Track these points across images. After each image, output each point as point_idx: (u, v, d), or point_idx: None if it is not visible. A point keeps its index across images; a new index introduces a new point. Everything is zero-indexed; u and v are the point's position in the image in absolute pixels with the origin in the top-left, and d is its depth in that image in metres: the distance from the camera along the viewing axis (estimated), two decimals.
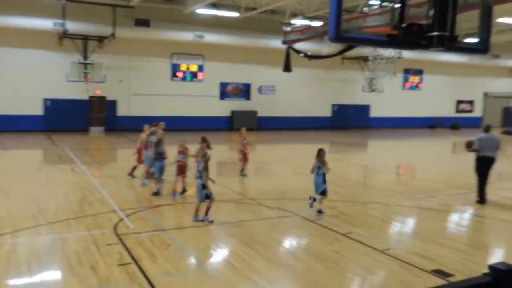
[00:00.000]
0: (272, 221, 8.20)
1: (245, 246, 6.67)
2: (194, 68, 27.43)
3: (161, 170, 9.81)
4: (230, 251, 6.64)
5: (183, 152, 9.72)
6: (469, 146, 9.92)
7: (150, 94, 26.20)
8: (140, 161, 11.54)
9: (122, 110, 25.93)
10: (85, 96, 24.76)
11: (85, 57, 23.76)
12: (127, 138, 22.18)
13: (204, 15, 23.81)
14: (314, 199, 8.52)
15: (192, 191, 9.88)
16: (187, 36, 24.77)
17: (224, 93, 28.50)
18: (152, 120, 19.30)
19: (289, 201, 9.65)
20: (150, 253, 6.18)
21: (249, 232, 7.45)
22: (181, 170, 9.71)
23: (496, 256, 6.79)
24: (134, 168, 11.71)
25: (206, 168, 7.73)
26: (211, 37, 25.18)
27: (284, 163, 15.82)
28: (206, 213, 7.77)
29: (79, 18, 22.40)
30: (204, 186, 7.69)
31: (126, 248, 6.31)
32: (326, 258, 6.24)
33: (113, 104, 25.67)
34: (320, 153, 8.47)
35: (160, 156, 9.92)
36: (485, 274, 1.78)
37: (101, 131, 25.37)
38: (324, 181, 8.40)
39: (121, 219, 7.82)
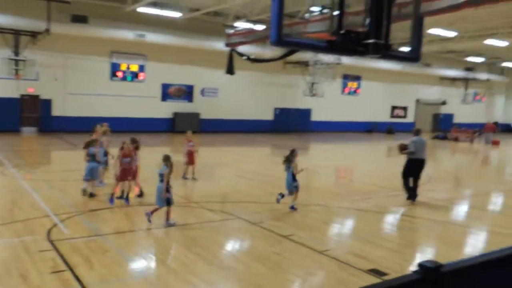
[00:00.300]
0: (214, 224, 8.16)
1: (186, 249, 6.58)
2: (135, 68, 26.72)
3: (91, 172, 9.48)
4: (171, 255, 6.52)
5: (128, 155, 9.35)
6: (402, 149, 10.47)
7: (88, 93, 25.19)
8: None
9: (58, 110, 24.71)
10: (15, 94, 23.33)
11: (17, 53, 22.39)
12: (63, 139, 21.19)
13: (146, 14, 23.25)
14: (282, 195, 9.24)
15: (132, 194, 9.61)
16: (128, 35, 24.07)
17: (166, 94, 28.00)
18: (90, 121, 18.39)
19: (232, 204, 9.65)
20: (86, 259, 5.93)
21: (191, 235, 7.36)
22: (127, 174, 9.30)
23: (427, 254, 7.17)
24: None
25: (169, 173, 7.65)
26: (153, 37, 24.65)
27: (227, 166, 15.79)
28: (168, 218, 7.65)
29: (10, 11, 21.08)
30: (167, 190, 7.62)
31: (60, 255, 6.01)
32: (267, 260, 6.29)
33: (47, 103, 24.40)
34: (290, 154, 9.38)
35: (91, 157, 9.58)
36: (414, 271, 1.87)
37: (34, 132, 24.02)
38: (294, 179, 9.10)
39: (55, 224, 7.44)
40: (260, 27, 23.36)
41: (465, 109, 42.01)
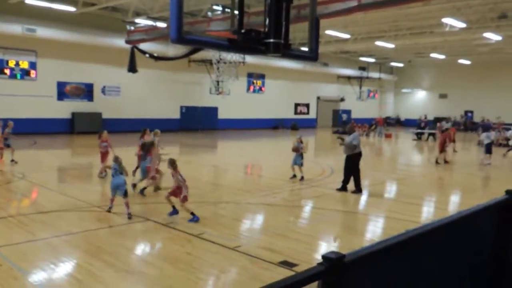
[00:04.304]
0: (121, 228, 7.80)
1: (91, 257, 6.20)
2: (25, 65, 24.59)
3: None
4: (75, 264, 6.10)
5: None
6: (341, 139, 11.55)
7: None
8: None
9: None
10: None
11: None
12: None
13: (35, 7, 21.47)
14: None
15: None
16: (15, 28, 21.98)
17: (63, 93, 26.19)
18: None
19: (139, 206, 9.31)
20: None
21: (96, 242, 6.96)
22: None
23: (332, 243, 7.54)
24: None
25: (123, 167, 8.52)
26: (44, 32, 22.80)
27: (131, 166, 15.20)
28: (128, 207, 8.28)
29: None
30: (125, 182, 8.43)
31: None
32: (179, 261, 6.17)
33: None
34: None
35: None
36: (319, 264, 1.94)
37: None
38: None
39: None
40: (162, 24, 22.84)
41: (361, 105, 45.08)
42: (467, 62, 39.95)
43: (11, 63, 24.08)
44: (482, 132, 20.25)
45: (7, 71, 23.99)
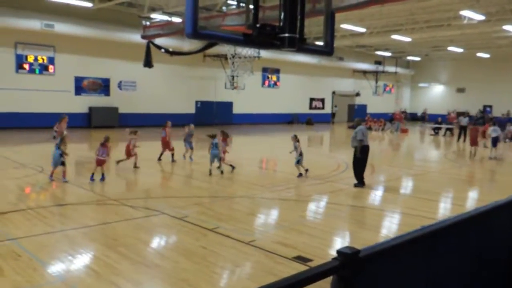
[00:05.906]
0: (137, 221, 7.90)
1: (108, 249, 6.30)
2: (43, 60, 24.95)
3: None
4: (92, 256, 6.21)
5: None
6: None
7: None
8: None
9: None
10: None
11: None
12: None
13: (54, 3, 21.75)
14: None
15: None
16: (34, 24, 22.36)
17: (80, 88, 26.52)
18: None
19: (155, 200, 9.41)
20: None
21: (112, 234, 7.06)
22: None
23: (346, 239, 7.53)
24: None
25: (64, 143, 10.83)
26: (62, 27, 23.13)
27: (147, 161, 15.35)
28: (64, 175, 10.67)
29: None
30: (61, 155, 10.59)
31: None
32: (194, 254, 6.22)
33: None
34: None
35: None
36: (334, 259, 1.94)
37: None
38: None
39: None
40: (177, 19, 22.89)
41: (377, 100, 44.64)
42: (486, 55, 39.18)
43: (30, 58, 24.45)
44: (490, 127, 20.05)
45: (26, 66, 24.37)
